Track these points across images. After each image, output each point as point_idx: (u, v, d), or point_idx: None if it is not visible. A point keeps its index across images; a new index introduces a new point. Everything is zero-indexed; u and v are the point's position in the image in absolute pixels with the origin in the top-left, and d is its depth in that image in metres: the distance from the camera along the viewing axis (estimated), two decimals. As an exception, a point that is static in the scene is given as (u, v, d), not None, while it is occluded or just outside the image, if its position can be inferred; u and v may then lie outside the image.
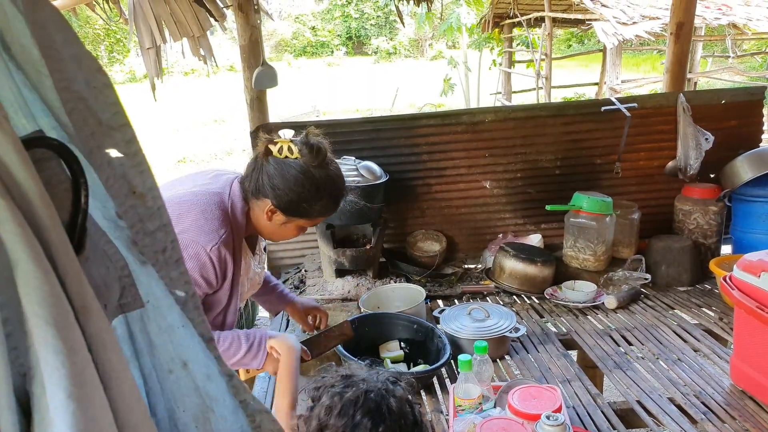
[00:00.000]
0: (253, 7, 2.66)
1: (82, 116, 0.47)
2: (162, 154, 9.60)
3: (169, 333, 0.52)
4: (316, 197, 1.42)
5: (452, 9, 11.18)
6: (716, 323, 2.05)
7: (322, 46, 25.44)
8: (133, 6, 2.86)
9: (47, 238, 0.41)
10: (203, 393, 0.53)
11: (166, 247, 0.52)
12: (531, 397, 1.41)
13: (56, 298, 0.39)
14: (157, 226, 0.52)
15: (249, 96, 2.73)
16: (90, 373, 0.41)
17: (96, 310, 0.44)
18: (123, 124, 0.50)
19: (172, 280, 0.52)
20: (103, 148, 0.49)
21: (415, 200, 2.69)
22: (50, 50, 0.44)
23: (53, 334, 0.38)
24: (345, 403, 0.95)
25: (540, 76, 8.98)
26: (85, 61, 0.47)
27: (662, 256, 2.41)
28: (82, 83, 0.47)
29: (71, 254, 0.43)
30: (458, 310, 1.96)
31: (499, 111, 2.76)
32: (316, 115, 9.32)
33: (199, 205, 1.39)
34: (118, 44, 19.74)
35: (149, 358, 0.52)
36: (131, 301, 0.50)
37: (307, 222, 1.50)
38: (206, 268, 1.36)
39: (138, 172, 0.51)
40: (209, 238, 1.35)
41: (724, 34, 8.15)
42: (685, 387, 1.67)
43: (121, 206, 0.50)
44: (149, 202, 0.51)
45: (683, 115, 2.59)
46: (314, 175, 1.40)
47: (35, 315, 0.38)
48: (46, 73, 0.44)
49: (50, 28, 0.44)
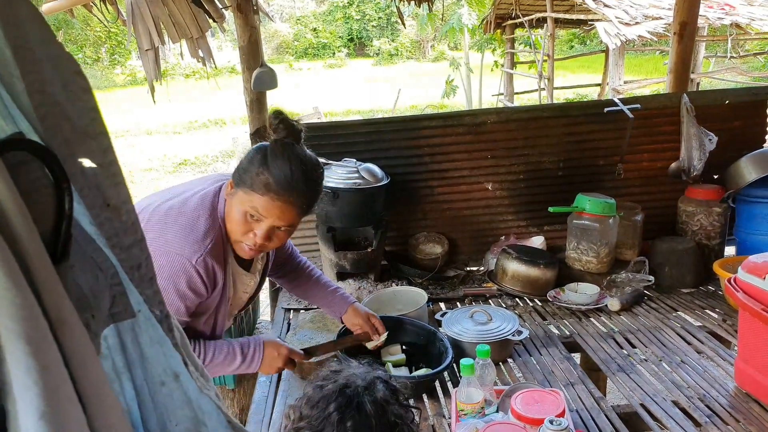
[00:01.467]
0: (252, 8, 2.65)
1: (56, 121, 0.45)
2: (163, 157, 9.60)
3: (161, 344, 0.50)
4: (258, 164, 1.30)
5: (454, 10, 11.16)
6: (720, 325, 2.04)
7: (323, 48, 25.44)
8: (131, 7, 2.85)
9: (21, 249, 0.39)
10: (196, 406, 0.52)
11: (141, 264, 0.51)
12: (534, 401, 1.39)
13: (30, 311, 0.37)
14: (132, 241, 0.50)
15: (249, 98, 2.72)
16: (66, 391, 0.38)
17: (74, 322, 0.42)
18: (100, 132, 0.48)
19: (148, 298, 0.51)
20: (77, 156, 0.46)
21: (417, 202, 2.68)
22: (24, 50, 0.42)
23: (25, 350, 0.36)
24: (322, 395, 0.97)
25: (542, 77, 8.96)
26: (63, 63, 0.45)
27: (666, 258, 2.39)
28: (58, 86, 0.45)
29: (48, 264, 0.41)
30: (460, 313, 1.95)
31: (501, 112, 2.75)
32: (318, 117, 9.30)
33: (184, 214, 1.35)
34: (120, 46, 19.79)
35: (141, 370, 0.50)
36: (122, 310, 0.48)
37: (245, 195, 1.31)
38: (193, 280, 1.33)
39: (113, 184, 0.49)
40: (194, 250, 1.32)
41: (727, 35, 8.12)
42: (689, 390, 1.65)
43: (96, 218, 0.48)
44: (124, 216, 0.49)
45: (687, 116, 2.58)
46: (272, 147, 1.31)
47: (6, 329, 0.36)
48: (17, 74, 0.42)
49: (26, 27, 0.42)
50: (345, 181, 2.24)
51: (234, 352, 1.47)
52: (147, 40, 2.85)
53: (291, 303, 2.35)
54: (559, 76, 11.70)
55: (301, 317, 2.18)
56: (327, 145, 2.52)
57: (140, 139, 11.16)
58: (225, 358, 1.45)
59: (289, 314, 2.32)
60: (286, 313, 2.32)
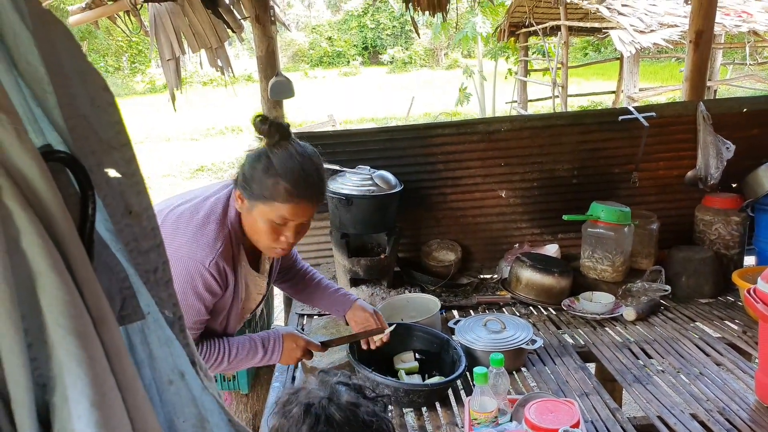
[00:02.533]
0: (270, 18, 2.69)
1: (83, 133, 0.47)
2: (181, 163, 9.73)
3: (169, 344, 0.53)
4: (269, 174, 1.33)
5: (468, 18, 11.19)
6: (740, 337, 2.00)
7: (338, 56, 25.65)
8: (154, 18, 2.92)
9: (66, 250, 0.42)
10: (199, 404, 0.55)
11: (158, 268, 0.53)
12: (548, 411, 1.38)
13: (78, 309, 0.40)
14: (151, 246, 0.53)
15: (266, 106, 2.76)
16: (110, 382, 0.41)
17: (111, 320, 0.45)
18: (124, 144, 0.51)
19: (162, 300, 0.53)
20: (103, 166, 0.49)
21: (430, 209, 2.69)
22: (56, 67, 0.45)
23: (76, 344, 0.39)
24: (291, 423, 0.96)
25: (556, 84, 8.93)
26: (90, 79, 0.48)
27: (683, 267, 2.36)
28: (86, 101, 0.47)
29: (87, 265, 0.44)
30: (474, 321, 1.94)
31: (514, 120, 2.75)
32: (333, 124, 9.36)
33: (194, 220, 1.40)
34: (140, 55, 20.18)
35: (149, 370, 0.53)
36: (131, 312, 0.51)
37: (266, 207, 1.35)
38: (208, 281, 1.38)
39: (135, 192, 0.52)
40: (206, 254, 1.37)
41: (744, 42, 8.03)
42: (708, 403, 1.63)
43: (117, 225, 0.50)
44: (144, 222, 0.52)
45: (703, 124, 2.55)
46: (271, 153, 1.34)
47: (58, 325, 0.39)
48: (50, 90, 0.45)
49: (58, 45, 0.45)
50: (359, 188, 2.26)
51: (256, 346, 1.55)
52: (168, 50, 2.91)
53: (305, 309, 2.36)
54: (573, 84, 11.66)
55: (315, 323, 2.19)
56: (342, 152, 2.55)
57: (159, 145, 11.33)
58: (248, 353, 1.54)
59: (303, 320, 2.33)
60: (300, 318, 2.34)
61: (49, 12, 0.46)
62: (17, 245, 0.39)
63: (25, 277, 0.39)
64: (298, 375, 1.90)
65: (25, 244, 0.39)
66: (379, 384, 1.58)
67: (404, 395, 1.62)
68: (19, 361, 0.38)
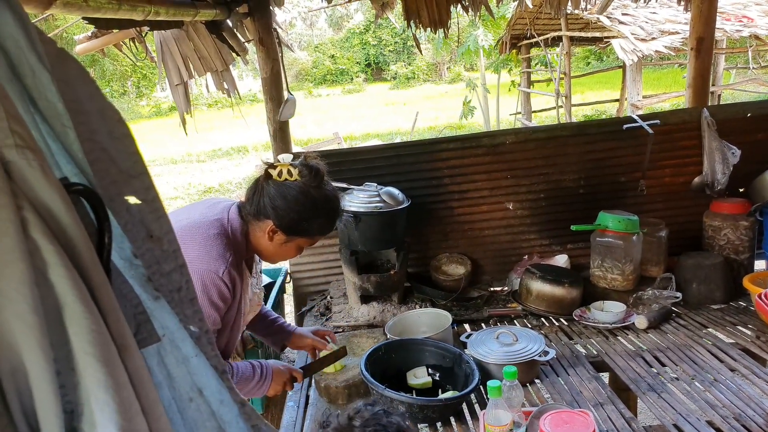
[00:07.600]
0: (273, 40, 2.74)
1: (104, 165, 0.50)
2: (188, 185, 9.82)
3: (185, 363, 0.55)
4: (315, 215, 1.49)
5: (469, 32, 11.29)
6: (753, 342, 1.99)
7: (341, 74, 25.90)
8: (160, 45, 2.98)
9: (90, 279, 0.44)
10: (218, 417, 0.57)
11: (182, 287, 0.55)
12: (563, 422, 1.38)
13: (104, 337, 0.42)
14: (173, 267, 0.55)
15: (272, 127, 2.80)
16: (136, 406, 0.43)
17: (133, 347, 0.47)
18: (141, 172, 0.53)
19: (187, 317, 0.55)
20: (123, 195, 0.52)
21: (438, 224, 2.70)
22: (75, 104, 0.47)
23: (103, 371, 0.40)
24: None
25: (559, 95, 8.97)
26: (107, 113, 0.51)
27: (693, 274, 2.36)
28: (104, 134, 0.50)
29: (110, 294, 0.46)
30: (486, 334, 1.94)
31: (519, 132, 2.76)
32: (338, 142, 9.43)
33: (201, 233, 1.46)
34: (145, 79, 20.52)
35: (168, 390, 0.55)
36: (147, 336, 0.53)
37: (306, 241, 1.56)
38: (222, 290, 1.44)
39: (155, 218, 0.54)
40: (219, 264, 1.43)
41: (746, 46, 8.04)
42: (723, 409, 1.61)
43: (139, 249, 0.53)
44: (165, 245, 0.55)
45: (708, 130, 2.56)
46: (313, 195, 1.47)
47: (85, 353, 0.40)
48: (69, 125, 0.47)
49: (75, 83, 0.48)
50: (366, 205, 2.28)
51: (253, 370, 1.61)
52: (177, 76, 2.97)
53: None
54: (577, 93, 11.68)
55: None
56: (348, 170, 2.57)
57: (166, 168, 11.45)
58: (247, 377, 1.59)
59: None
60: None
61: (63, 50, 0.49)
62: (45, 277, 0.41)
63: (53, 307, 0.41)
64: (312, 394, 1.90)
65: (53, 275, 0.41)
66: (393, 401, 1.58)
67: (419, 411, 1.62)
68: (48, 388, 0.39)
